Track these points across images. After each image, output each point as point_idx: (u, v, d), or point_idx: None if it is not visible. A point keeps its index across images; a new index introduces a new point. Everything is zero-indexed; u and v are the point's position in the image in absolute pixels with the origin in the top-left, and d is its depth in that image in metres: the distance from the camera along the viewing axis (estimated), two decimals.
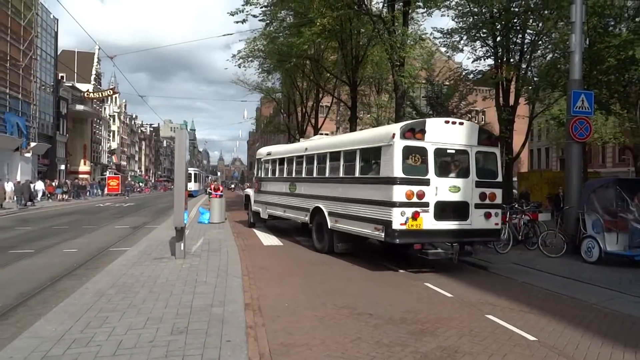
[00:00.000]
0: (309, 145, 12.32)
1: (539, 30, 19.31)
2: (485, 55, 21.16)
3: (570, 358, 4.59)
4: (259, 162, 15.68)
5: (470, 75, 23.12)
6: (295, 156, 12.74)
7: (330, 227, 10.30)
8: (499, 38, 19.80)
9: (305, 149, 12.18)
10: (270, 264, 9.30)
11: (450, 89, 22.66)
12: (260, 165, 15.52)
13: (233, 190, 69.22)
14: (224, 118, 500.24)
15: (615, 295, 7.12)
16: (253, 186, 17.05)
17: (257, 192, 15.54)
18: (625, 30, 16.64)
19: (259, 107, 66.63)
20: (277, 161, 14.11)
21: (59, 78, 49.43)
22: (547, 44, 20.28)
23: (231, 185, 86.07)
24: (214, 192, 19.15)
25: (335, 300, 6.50)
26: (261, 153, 15.81)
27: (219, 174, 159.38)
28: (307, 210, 11.40)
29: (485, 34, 19.93)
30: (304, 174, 12.03)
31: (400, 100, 16.49)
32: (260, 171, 15.42)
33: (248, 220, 16.76)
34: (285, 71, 25.52)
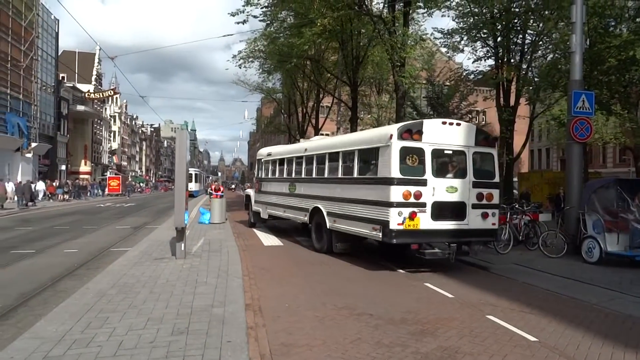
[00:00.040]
0: (308, 146, 12.37)
1: (539, 30, 19.30)
2: (485, 56, 21.17)
3: (571, 359, 4.59)
4: (259, 163, 15.78)
5: (471, 76, 23.11)
6: (295, 157, 12.80)
7: (329, 227, 10.35)
8: (499, 38, 19.79)
9: (305, 150, 12.24)
10: (270, 265, 9.31)
11: (451, 89, 22.65)
12: (260, 165, 15.61)
13: (234, 191, 69.17)
14: (225, 118, 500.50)
15: (616, 295, 7.11)
16: (253, 186, 17.14)
17: (258, 193, 15.64)
18: (625, 31, 16.64)
19: (259, 108, 66.63)
20: (277, 162, 14.19)
21: (60, 78, 49.45)
22: (548, 44, 20.28)
23: (232, 186, 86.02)
24: (215, 193, 19.18)
25: (336, 300, 6.50)
26: (262, 153, 15.92)
27: (219, 174, 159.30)
28: (307, 210, 11.45)
29: (485, 35, 19.93)
30: (304, 175, 12.10)
31: (401, 101, 16.50)
32: (261, 171, 15.52)
33: (248, 220, 16.84)
34: (285, 71, 25.54)
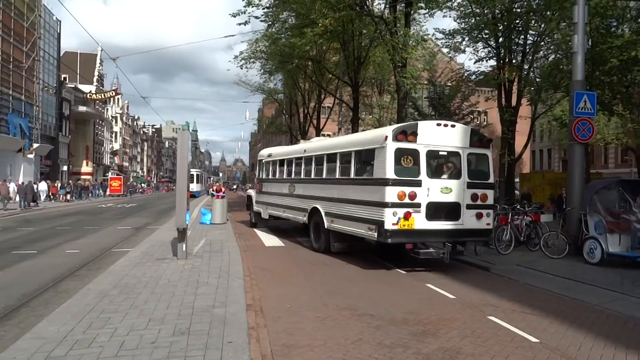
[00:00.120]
0: (307, 147, 12.51)
1: (541, 31, 19.27)
2: (487, 56, 21.18)
3: None
4: (260, 164, 15.92)
5: (473, 76, 23.09)
6: (295, 158, 12.96)
7: (326, 227, 10.49)
8: (501, 39, 19.78)
9: (304, 151, 12.38)
10: (271, 265, 9.31)
11: (453, 90, 22.63)
12: (261, 166, 15.75)
13: (235, 191, 69.21)
14: (226, 119, 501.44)
15: (618, 296, 7.09)
16: (255, 187, 17.22)
17: (259, 193, 15.79)
18: (627, 31, 16.64)
19: (261, 108, 66.56)
20: (278, 162, 14.35)
21: (62, 79, 49.50)
22: (550, 44, 20.27)
23: (233, 186, 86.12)
24: (217, 193, 19.23)
25: (337, 301, 6.50)
26: (263, 154, 16.06)
27: (220, 174, 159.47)
28: (305, 210, 11.59)
29: (487, 35, 19.92)
30: (303, 175, 12.27)
31: (402, 101, 16.50)
32: (262, 172, 15.66)
33: (250, 220, 16.94)
34: (287, 72, 25.54)
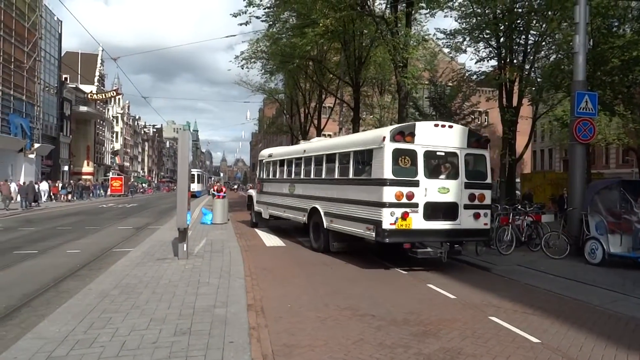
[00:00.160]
0: (307, 147, 12.58)
1: (542, 31, 19.25)
2: (488, 56, 21.15)
3: None
4: (261, 164, 16.00)
5: (474, 76, 23.08)
6: (295, 158, 13.03)
7: (326, 227, 10.55)
8: (502, 39, 19.77)
9: (304, 151, 12.45)
10: (272, 265, 9.32)
11: (454, 90, 22.61)
12: (262, 166, 15.83)
13: (236, 191, 69.25)
14: (227, 119, 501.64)
15: (619, 297, 7.08)
16: (255, 187, 17.27)
17: (259, 193, 15.86)
18: (629, 31, 16.62)
19: (261, 108, 66.55)
20: (278, 163, 14.43)
21: (63, 79, 49.55)
22: (551, 44, 20.24)
23: (234, 186, 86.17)
24: (218, 194, 19.25)
25: (338, 301, 6.50)
26: (263, 155, 16.13)
27: (221, 174, 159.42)
28: (305, 210, 11.65)
29: (488, 35, 19.90)
30: (302, 176, 12.34)
31: (403, 102, 16.50)
32: (262, 172, 15.72)
33: (250, 220, 16.97)
34: (288, 72, 25.54)
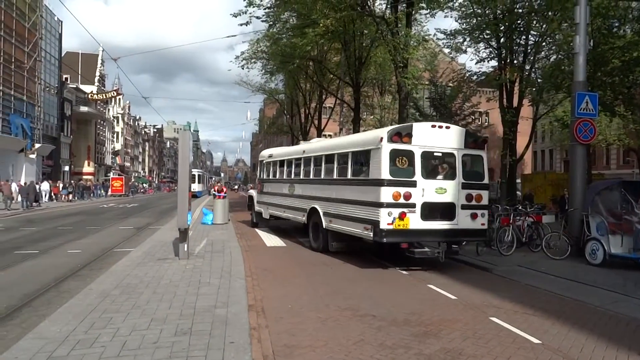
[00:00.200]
0: (306, 148, 12.63)
1: (542, 31, 19.26)
2: (488, 57, 21.16)
3: None
4: (261, 164, 16.06)
5: (474, 77, 23.09)
6: (294, 158, 13.10)
7: (325, 227, 10.61)
8: (502, 39, 19.77)
9: (303, 152, 12.51)
10: (273, 265, 9.32)
11: (454, 90, 22.63)
12: (262, 167, 15.87)
13: (236, 192, 69.27)
14: (227, 119, 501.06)
15: (620, 297, 7.08)
16: (256, 187, 17.30)
17: (260, 193, 15.92)
18: (629, 32, 16.62)
19: (262, 108, 66.56)
20: (278, 163, 14.49)
21: (63, 80, 49.54)
22: (551, 45, 20.25)
23: (234, 187, 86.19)
24: (218, 194, 19.24)
25: (338, 301, 6.50)
26: (263, 155, 16.16)
27: (222, 174, 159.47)
28: (305, 210, 11.70)
29: (489, 35, 19.91)
30: (302, 176, 12.40)
31: (404, 102, 16.50)
32: (263, 173, 15.76)
33: (251, 220, 17.01)
34: (288, 72, 25.56)
